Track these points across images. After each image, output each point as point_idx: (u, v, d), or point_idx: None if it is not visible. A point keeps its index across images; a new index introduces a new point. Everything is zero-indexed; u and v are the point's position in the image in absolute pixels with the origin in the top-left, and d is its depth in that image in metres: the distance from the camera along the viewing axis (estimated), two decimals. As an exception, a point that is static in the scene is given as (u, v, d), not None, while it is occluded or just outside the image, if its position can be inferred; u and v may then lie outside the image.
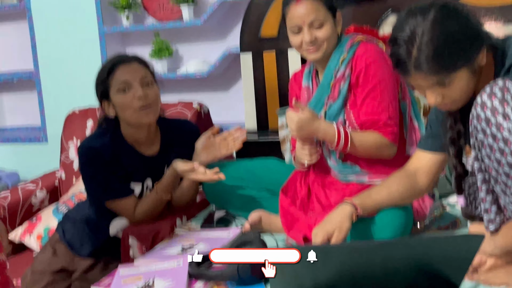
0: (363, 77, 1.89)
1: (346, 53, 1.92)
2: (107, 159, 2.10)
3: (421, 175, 1.68)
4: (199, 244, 1.84)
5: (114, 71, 2.08)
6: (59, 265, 2.17)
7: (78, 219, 2.23)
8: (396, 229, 1.69)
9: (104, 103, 2.12)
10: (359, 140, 1.87)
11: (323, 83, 1.98)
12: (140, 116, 2.07)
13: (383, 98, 1.87)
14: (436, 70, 1.39)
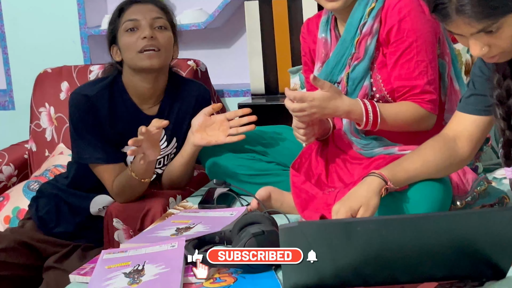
0: (395, 32, 1.86)
1: (375, 2, 1.90)
2: (101, 110, 2.15)
3: (462, 142, 1.68)
4: (197, 225, 1.84)
5: (125, 10, 2.17)
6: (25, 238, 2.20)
7: (54, 194, 2.25)
8: (432, 205, 1.68)
9: (112, 48, 2.21)
10: (392, 116, 1.86)
11: (345, 38, 1.95)
12: (142, 59, 2.11)
13: (421, 58, 1.85)
14: (483, 14, 1.38)
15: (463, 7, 1.38)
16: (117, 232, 2.09)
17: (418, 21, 1.85)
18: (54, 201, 2.24)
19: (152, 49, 2.10)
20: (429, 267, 1.40)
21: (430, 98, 1.86)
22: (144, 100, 2.22)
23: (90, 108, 2.14)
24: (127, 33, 2.14)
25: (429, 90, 1.86)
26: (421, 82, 1.85)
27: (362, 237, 1.34)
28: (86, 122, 2.15)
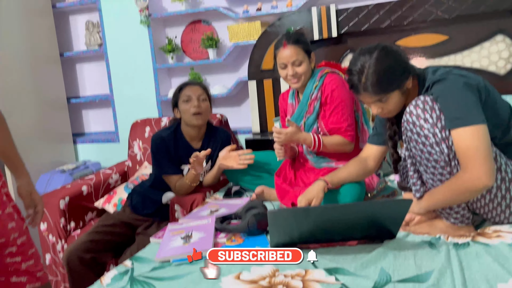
0: (329, 98, 1.88)
1: (318, 82, 1.92)
2: (168, 145, 2.14)
3: (370, 161, 1.69)
4: (222, 209, 1.83)
5: (183, 89, 2.16)
6: (125, 218, 2.20)
7: (142, 191, 2.25)
8: (354, 197, 1.69)
9: (175, 110, 2.19)
10: (328, 142, 1.87)
11: (302, 101, 1.97)
12: (193, 119, 2.12)
13: (343, 112, 1.87)
14: (378, 92, 1.40)
15: (367, 87, 1.40)
16: (177, 213, 2.08)
17: (341, 92, 1.88)
18: (141, 195, 2.23)
19: (199, 113, 2.11)
20: (352, 232, 1.41)
21: (350, 133, 1.88)
22: (192, 140, 2.20)
23: (163, 143, 2.14)
24: (184, 103, 2.13)
25: (349, 129, 1.88)
26: (344, 125, 1.87)
27: (315, 216, 1.35)
28: (160, 151, 2.15)
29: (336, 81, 1.89)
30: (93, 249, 2.04)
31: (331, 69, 1.98)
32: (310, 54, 1.94)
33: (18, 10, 2.96)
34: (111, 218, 2.20)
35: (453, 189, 1.32)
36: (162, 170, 2.15)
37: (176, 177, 2.14)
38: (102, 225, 2.15)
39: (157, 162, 2.17)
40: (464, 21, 2.40)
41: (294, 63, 1.89)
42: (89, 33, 3.34)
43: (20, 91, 2.93)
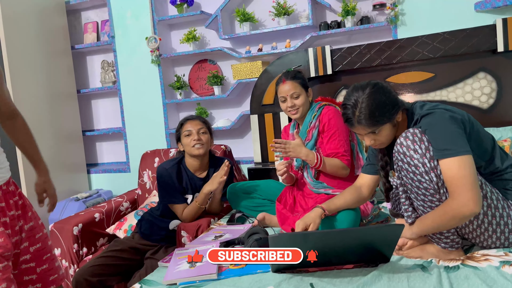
0: (327, 126, 1.93)
1: (316, 112, 1.97)
2: (172, 176, 2.16)
3: (364, 189, 1.69)
4: (226, 234, 1.83)
5: (184, 124, 2.21)
6: (133, 243, 2.18)
7: (150, 218, 2.24)
8: (350, 223, 1.68)
9: (178, 144, 2.23)
10: (328, 162, 1.90)
11: (302, 130, 2.02)
12: (194, 150, 2.14)
13: (340, 139, 1.91)
14: (370, 125, 1.42)
15: (360, 120, 1.42)
16: (183, 238, 2.07)
17: (338, 121, 1.93)
18: (150, 222, 2.22)
19: (200, 144, 2.14)
20: (348, 256, 1.40)
21: (346, 158, 1.91)
22: (196, 171, 2.21)
23: (167, 175, 2.16)
24: (185, 137, 2.16)
25: (345, 154, 1.91)
26: (341, 150, 1.91)
27: (312, 241, 1.34)
28: (165, 182, 2.15)
29: (333, 111, 1.95)
30: (101, 273, 2.03)
31: (328, 103, 2.03)
32: (308, 89, 2.01)
33: (41, 51, 3.03)
34: (119, 244, 2.19)
35: (442, 215, 1.33)
36: (168, 199, 2.16)
37: (182, 206, 2.14)
38: (111, 250, 2.14)
39: (162, 192, 2.18)
40: (448, 60, 2.46)
41: (292, 96, 1.96)
42: (104, 71, 3.41)
43: (39, 124, 2.97)
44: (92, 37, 3.41)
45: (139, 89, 3.28)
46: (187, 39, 3.07)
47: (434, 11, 2.58)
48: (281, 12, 2.80)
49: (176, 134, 2.23)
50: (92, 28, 3.42)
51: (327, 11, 2.86)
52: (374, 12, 2.75)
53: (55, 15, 3.19)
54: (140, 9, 3.19)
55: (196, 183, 2.18)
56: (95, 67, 3.53)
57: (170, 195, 2.15)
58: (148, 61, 3.20)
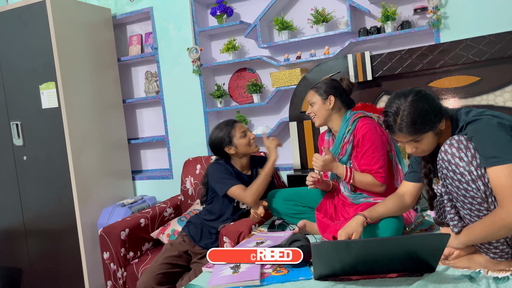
0: (361, 142, 1.90)
1: (351, 126, 1.94)
2: (224, 166, 2.26)
3: (407, 197, 1.66)
4: (267, 241, 1.84)
5: (234, 127, 2.27)
6: (185, 248, 2.25)
7: (198, 223, 2.31)
8: (393, 231, 1.67)
9: (227, 147, 2.25)
10: (359, 178, 1.89)
11: (336, 143, 2.00)
12: (253, 148, 2.27)
13: (374, 155, 1.88)
14: (412, 133, 1.40)
15: (402, 128, 1.41)
16: (225, 244, 2.11)
17: (373, 135, 1.88)
18: (198, 226, 2.30)
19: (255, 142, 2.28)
20: (392, 265, 1.39)
21: (381, 175, 1.87)
22: (243, 170, 2.32)
23: (221, 166, 2.27)
24: (241, 138, 2.24)
25: (380, 172, 1.87)
26: (375, 167, 1.87)
27: (355, 249, 1.34)
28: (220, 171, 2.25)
29: (368, 125, 1.90)
30: (164, 281, 2.14)
31: (364, 113, 1.99)
32: (328, 96, 1.99)
33: (90, 64, 3.19)
34: (175, 249, 2.25)
35: (491, 225, 1.29)
36: (226, 186, 2.20)
37: (240, 187, 2.19)
38: (169, 256, 2.21)
39: (217, 180, 2.23)
40: (494, 63, 2.37)
41: (309, 102, 2.03)
42: (148, 82, 3.54)
43: (88, 133, 3.11)
44: (136, 49, 3.55)
45: (181, 98, 3.37)
46: (227, 48, 3.13)
47: (479, 13, 2.50)
48: (319, 19, 2.80)
49: (227, 138, 2.25)
50: (137, 40, 3.56)
51: (366, 17, 2.84)
52: (415, 16, 2.70)
53: (103, 29, 3.36)
54: (182, 21, 3.29)
55: (244, 179, 2.27)
56: (140, 77, 3.67)
57: (227, 181, 2.20)
58: (190, 71, 3.29)
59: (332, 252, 1.33)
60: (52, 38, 2.88)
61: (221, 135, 2.26)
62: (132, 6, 3.47)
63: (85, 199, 3.00)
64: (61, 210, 2.96)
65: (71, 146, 2.92)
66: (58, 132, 2.93)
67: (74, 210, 2.93)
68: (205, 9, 3.33)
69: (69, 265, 2.98)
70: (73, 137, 2.95)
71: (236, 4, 3.22)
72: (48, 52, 2.89)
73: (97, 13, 3.30)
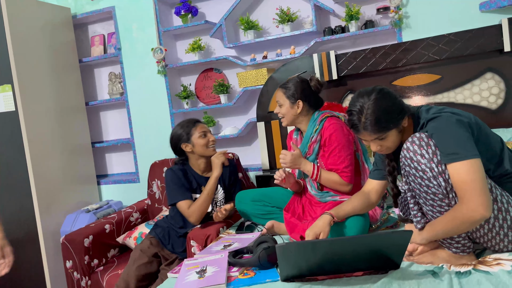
0: (328, 141, 1.91)
1: (318, 125, 1.95)
2: (179, 176, 2.20)
3: (372, 195, 1.67)
4: (234, 243, 1.82)
5: (196, 126, 2.23)
6: (154, 251, 2.19)
7: (165, 226, 2.27)
8: (359, 229, 1.68)
9: (184, 144, 2.21)
10: (325, 177, 1.91)
11: (303, 143, 2.01)
12: (210, 150, 2.22)
13: (340, 155, 1.89)
14: (376, 131, 1.41)
15: (366, 127, 1.41)
16: (192, 248, 2.07)
17: (339, 135, 1.89)
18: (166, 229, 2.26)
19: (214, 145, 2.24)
20: (358, 263, 1.39)
21: (346, 175, 1.88)
22: (203, 172, 2.28)
23: (174, 174, 2.20)
24: (200, 138, 2.19)
25: (346, 171, 1.89)
26: (341, 166, 1.89)
27: (321, 249, 1.33)
28: (173, 181, 2.19)
29: (334, 125, 1.91)
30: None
31: (332, 113, 1.99)
32: (296, 101, 1.97)
33: (49, 65, 3.07)
34: (144, 255, 2.18)
35: (452, 220, 1.31)
36: (175, 197, 2.16)
37: (187, 202, 2.15)
38: (141, 265, 2.14)
39: (169, 192, 2.19)
40: (455, 61, 2.44)
41: (278, 103, 2.02)
42: (112, 83, 3.45)
43: (48, 138, 3.00)
44: (99, 49, 3.45)
45: (146, 99, 3.30)
46: (192, 48, 3.09)
47: (439, 13, 2.56)
48: (285, 19, 2.81)
49: (186, 135, 2.21)
50: (99, 41, 3.46)
51: (331, 16, 2.86)
52: (378, 16, 2.75)
53: (63, 29, 3.24)
54: (146, 21, 3.22)
55: (203, 183, 2.23)
56: (103, 79, 3.57)
57: (176, 192, 2.16)
58: (155, 72, 3.23)
59: (298, 253, 1.32)
60: (8, 39, 2.75)
61: (181, 132, 2.23)
62: (92, 5, 3.37)
63: (47, 206, 2.89)
64: (21, 218, 2.84)
65: (30, 151, 2.81)
66: (15, 137, 2.81)
67: (35, 217, 2.81)
68: (169, 8, 3.27)
69: (31, 275, 2.86)
70: (32, 142, 2.84)
71: (200, 4, 3.18)
72: (3, 54, 2.77)
73: (56, 13, 3.18)
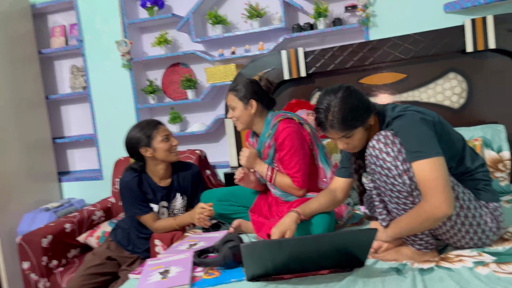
0: (281, 146, 1.88)
1: (271, 130, 1.92)
2: (133, 189, 2.04)
3: (339, 192, 1.68)
4: (200, 242, 1.78)
5: (158, 128, 2.04)
6: (109, 254, 2.10)
7: (126, 227, 2.16)
8: (325, 227, 1.67)
9: (143, 148, 2.02)
10: (279, 180, 1.90)
11: (258, 149, 1.99)
12: (173, 155, 2.06)
13: (292, 160, 1.87)
14: (343, 129, 1.41)
15: (333, 125, 1.41)
16: (157, 247, 2.02)
17: (291, 140, 1.86)
18: (125, 231, 2.16)
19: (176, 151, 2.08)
20: (324, 262, 1.39)
21: (297, 180, 1.87)
22: (161, 179, 2.10)
23: (128, 188, 2.05)
24: (163, 142, 2.01)
25: (296, 176, 1.87)
26: (291, 171, 1.88)
27: (287, 248, 1.32)
28: (127, 195, 2.06)
29: (288, 129, 1.87)
30: None
31: (285, 115, 1.94)
32: (248, 101, 1.93)
33: (4, 57, 2.92)
34: (97, 257, 2.09)
35: (416, 218, 1.33)
36: (134, 212, 2.07)
37: (150, 216, 2.06)
38: (90, 267, 2.05)
39: (126, 205, 2.08)
40: (419, 61, 2.48)
41: (230, 107, 1.97)
42: (74, 76, 3.32)
43: (4, 133, 2.85)
44: (60, 41, 3.31)
45: (110, 94, 3.20)
46: (159, 42, 3.01)
47: (405, 13, 2.60)
48: (253, 14, 2.78)
49: (146, 139, 2.01)
50: (60, 32, 3.32)
51: (300, 13, 2.86)
52: (346, 14, 2.76)
53: (20, 19, 3.08)
54: (110, 13, 3.11)
55: (161, 193, 2.10)
56: (64, 72, 3.43)
57: (136, 207, 2.05)
58: (119, 66, 3.13)
59: (264, 252, 1.30)
60: (-41, 27, 2.60)
61: (140, 135, 2.02)
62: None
63: (3, 205, 2.75)
64: (-26, 218, 2.69)
65: (-16, 147, 2.66)
66: (-32, 132, 2.65)
67: (-11, 217, 2.67)
68: (135, 0, 3.17)
69: (-15, 278, 2.72)
70: (-13, 137, 2.69)
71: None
72: (-46, 43, 2.61)
73: (13, 1, 3.02)
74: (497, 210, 1.43)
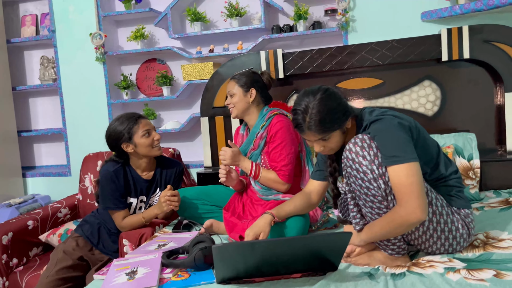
0: (272, 138, 1.90)
1: (265, 122, 1.94)
2: (116, 179, 1.99)
3: (314, 195, 1.67)
4: (170, 243, 1.72)
5: (138, 123, 1.98)
6: (80, 254, 2.01)
7: (96, 223, 2.09)
8: (299, 229, 1.66)
9: (125, 144, 1.96)
10: (264, 176, 1.89)
11: (249, 138, 1.98)
12: (155, 150, 2.01)
13: (282, 152, 1.88)
14: (320, 131, 1.39)
15: (311, 127, 1.39)
16: (125, 247, 1.95)
17: (284, 133, 1.89)
18: (97, 226, 2.08)
19: (159, 144, 2.03)
20: (296, 265, 1.36)
21: (284, 173, 1.88)
22: (144, 171, 2.07)
23: (111, 178, 1.98)
24: (144, 137, 1.96)
25: (284, 170, 1.88)
26: (279, 164, 1.88)
27: (260, 250, 1.29)
28: (108, 186, 1.99)
29: (282, 123, 1.90)
30: None
31: (280, 111, 1.98)
32: (249, 89, 1.98)
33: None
34: (68, 258, 1.99)
35: (390, 222, 1.32)
36: (109, 205, 2.00)
37: (122, 213, 2.01)
38: (62, 269, 1.94)
39: (104, 196, 2.01)
40: (396, 67, 2.51)
41: (229, 93, 1.99)
42: (44, 68, 3.20)
43: (-33, 123, 2.72)
44: (30, 30, 3.18)
45: (82, 87, 3.10)
46: (135, 37, 2.94)
47: (384, 19, 2.63)
48: (233, 13, 2.75)
49: (127, 134, 1.96)
50: (31, 21, 3.19)
51: (280, 15, 2.84)
52: (326, 18, 2.77)
53: (-12, 5, 2.95)
54: (84, 3, 3.02)
55: (141, 185, 2.05)
56: (34, 63, 3.30)
57: (112, 201, 1.99)
58: (93, 59, 3.03)
59: (236, 254, 1.27)
60: None
61: (120, 129, 1.97)
62: (25, -19, 3.10)
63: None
64: None
65: None
66: None
67: None
68: (111, -8, 3.09)
69: None
70: None
71: (146, -10, 3.04)
72: None
73: (-19, -14, 2.89)
74: (468, 217, 1.45)
